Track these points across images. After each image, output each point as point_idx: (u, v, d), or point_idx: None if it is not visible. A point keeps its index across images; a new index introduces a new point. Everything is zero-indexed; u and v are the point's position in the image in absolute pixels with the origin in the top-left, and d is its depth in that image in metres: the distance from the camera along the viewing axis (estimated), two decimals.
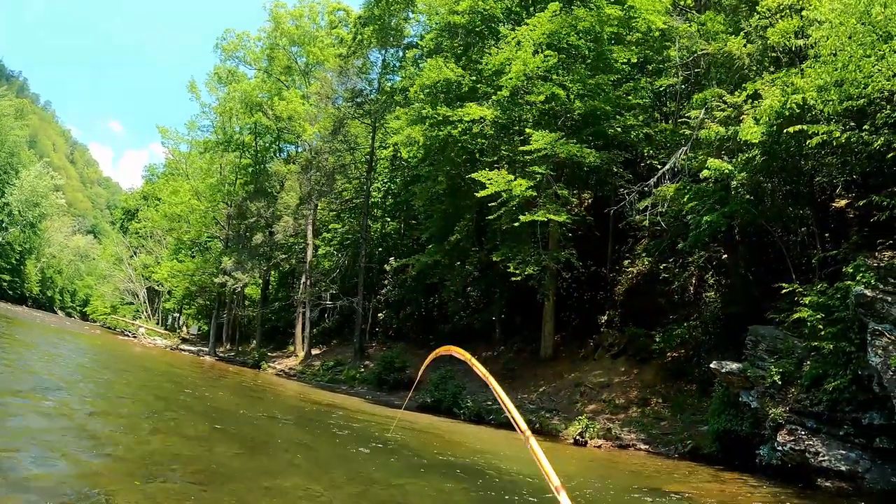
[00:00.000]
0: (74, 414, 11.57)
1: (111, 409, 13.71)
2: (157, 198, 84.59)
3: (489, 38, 31.57)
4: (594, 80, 25.81)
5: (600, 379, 25.85)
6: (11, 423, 9.39)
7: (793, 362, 15.34)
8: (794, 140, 16.80)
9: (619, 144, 27.41)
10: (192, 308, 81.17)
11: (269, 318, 62.52)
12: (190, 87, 63.88)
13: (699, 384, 21.88)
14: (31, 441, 8.73)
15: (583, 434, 21.37)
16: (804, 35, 18.05)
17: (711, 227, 19.30)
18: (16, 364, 18.27)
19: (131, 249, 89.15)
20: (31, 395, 12.49)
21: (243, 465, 10.06)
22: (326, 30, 57.38)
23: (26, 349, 25.50)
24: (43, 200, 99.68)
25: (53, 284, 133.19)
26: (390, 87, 46.79)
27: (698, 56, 23.55)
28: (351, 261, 51.24)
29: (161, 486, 7.88)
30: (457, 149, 31.20)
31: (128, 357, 36.61)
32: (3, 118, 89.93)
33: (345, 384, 36.92)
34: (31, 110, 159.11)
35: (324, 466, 11.37)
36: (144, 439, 10.82)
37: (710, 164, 18.52)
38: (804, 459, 13.94)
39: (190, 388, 22.94)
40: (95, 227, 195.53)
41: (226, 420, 15.06)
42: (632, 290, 28.68)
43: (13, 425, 9.24)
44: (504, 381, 29.11)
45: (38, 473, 7.19)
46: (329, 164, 49.43)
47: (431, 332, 41.04)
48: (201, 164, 71.00)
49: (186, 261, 71.39)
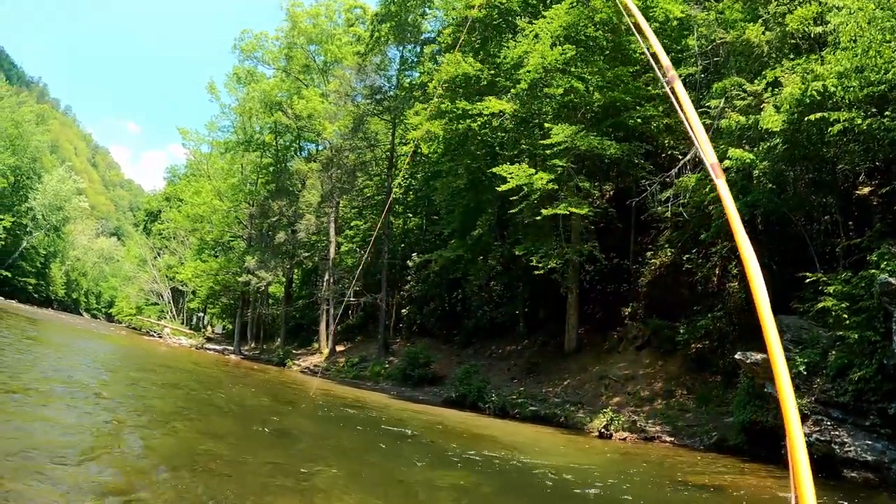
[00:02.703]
0: (103, 412, 11.69)
1: (139, 407, 13.85)
2: (179, 199, 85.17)
3: (506, 32, 31.52)
4: (613, 72, 25.70)
5: (625, 371, 25.79)
6: (37, 424, 9.46)
7: (818, 352, 15.22)
8: (815, 128, 16.65)
9: (639, 135, 27.27)
10: (216, 307, 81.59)
11: (293, 315, 62.85)
12: (209, 88, 64.56)
13: (724, 375, 21.77)
14: (62, 438, 8.84)
15: (608, 427, 21.31)
16: (823, 21, 17.91)
17: None
18: (44, 364, 18.45)
19: (155, 250, 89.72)
20: (59, 395, 12.62)
21: (270, 459, 10.09)
22: (344, 28, 57.46)
23: (55, 350, 25.72)
24: (66, 204, 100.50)
25: (78, 287, 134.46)
26: (409, 83, 46.88)
27: (717, 45, 23.39)
28: (374, 257, 51.37)
29: (189, 479, 7.97)
30: (477, 143, 31.23)
31: (154, 356, 36.83)
32: (25, 124, 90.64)
33: (370, 380, 37.02)
34: (52, 115, 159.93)
35: (349, 460, 11.42)
36: (172, 435, 10.94)
37: (731, 153, 18.37)
38: (830, 450, 13.83)
39: (216, 386, 23.10)
40: (119, 229, 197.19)
41: (252, 416, 15.13)
42: (655, 282, 28.53)
43: (40, 425, 9.32)
44: (528, 375, 29.35)
45: (68, 469, 7.26)
46: (350, 161, 49.59)
47: (455, 327, 41.05)
48: (222, 164, 71.49)
49: (210, 260, 71.73)
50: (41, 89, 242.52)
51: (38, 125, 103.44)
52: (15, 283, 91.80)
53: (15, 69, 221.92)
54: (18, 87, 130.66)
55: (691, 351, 24.08)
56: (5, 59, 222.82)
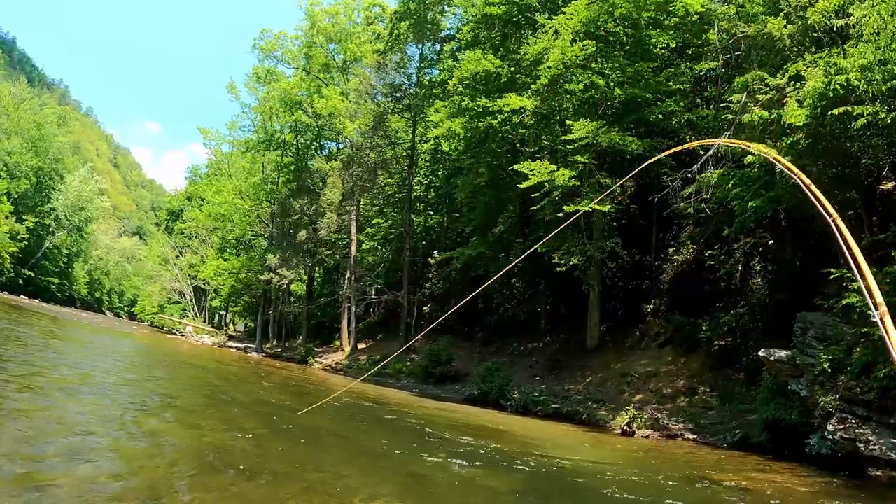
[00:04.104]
0: (128, 410, 11.79)
1: (164, 404, 13.95)
2: (200, 198, 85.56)
3: (526, 28, 31.42)
4: (633, 68, 25.61)
5: (647, 369, 25.70)
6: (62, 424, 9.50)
7: (842, 349, 15.06)
8: (838, 122, 16.48)
9: (661, 131, 27.17)
10: (238, 306, 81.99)
11: (315, 313, 63.04)
12: (229, 87, 64.98)
13: (747, 373, 21.65)
14: (88, 435, 8.95)
15: (630, 424, 21.23)
16: (845, 14, 17.69)
17: (757, 212, 19.06)
18: (67, 361, 18.61)
19: (177, 249, 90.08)
20: (82, 392, 12.73)
21: (293, 457, 10.11)
22: (363, 26, 57.43)
23: (80, 347, 26.04)
24: (88, 204, 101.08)
25: (101, 286, 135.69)
26: (429, 81, 46.83)
27: (738, 38, 23.16)
28: (395, 255, 51.34)
29: (214, 478, 8.04)
30: (498, 140, 31.17)
31: (177, 354, 37.11)
32: (46, 126, 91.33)
33: (391, 378, 37.03)
34: (74, 117, 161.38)
35: (374, 457, 11.43)
36: (197, 432, 11.00)
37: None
38: (855, 448, 13.70)
39: (239, 384, 23.23)
40: (141, 228, 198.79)
41: (275, 414, 15.15)
42: (677, 279, 28.40)
43: (65, 425, 9.36)
44: (550, 373, 29.28)
45: (95, 467, 7.31)
46: (370, 159, 49.72)
47: (477, 324, 41.01)
48: (243, 163, 71.90)
49: (232, 259, 72.04)
50: (63, 91, 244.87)
51: (60, 126, 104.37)
52: (38, 283, 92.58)
53: (36, 72, 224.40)
54: (40, 90, 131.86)
55: (714, 348, 23.94)
56: (27, 62, 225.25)
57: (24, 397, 10.77)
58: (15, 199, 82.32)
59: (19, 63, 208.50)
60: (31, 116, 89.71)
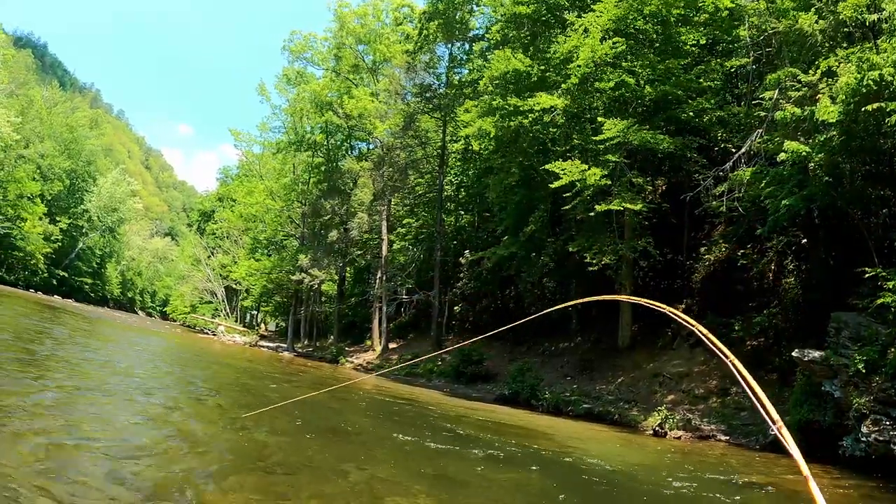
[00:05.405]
0: (163, 409, 11.97)
1: (196, 402, 14.13)
2: (232, 199, 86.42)
3: (555, 27, 31.33)
4: (664, 65, 25.48)
5: (679, 369, 25.52)
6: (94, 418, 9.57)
7: (877, 350, 14.85)
8: (872, 118, 16.27)
9: (692, 129, 26.98)
10: (269, 305, 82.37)
11: (346, 313, 63.27)
12: (259, 89, 65.54)
13: (780, 373, 21.41)
14: (123, 434, 9.09)
15: (662, 425, 21.11)
16: (878, 8, 17.49)
17: (790, 211, 18.86)
18: (105, 361, 18.87)
19: (208, 250, 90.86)
20: (116, 390, 12.89)
21: (327, 455, 10.15)
22: (392, 27, 57.56)
23: (115, 346, 26.43)
24: (121, 205, 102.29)
25: (133, 286, 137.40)
26: (458, 81, 46.90)
27: (769, 34, 22.92)
28: (426, 255, 51.38)
29: (248, 476, 8.10)
30: (528, 139, 31.12)
31: (209, 354, 37.38)
32: (79, 129, 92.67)
33: (422, 377, 37.05)
34: (106, 120, 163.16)
35: (407, 456, 11.48)
36: (230, 431, 11.11)
37: (786, 146, 18.03)
38: (889, 450, 13.50)
39: (271, 382, 23.34)
40: (172, 229, 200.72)
41: (307, 412, 15.20)
42: (709, 278, 28.18)
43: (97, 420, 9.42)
44: (582, 373, 29.20)
45: (132, 466, 7.36)
46: (401, 159, 49.82)
47: (508, 323, 40.82)
48: (274, 164, 72.48)
49: (263, 259, 72.61)
50: (94, 95, 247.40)
51: (92, 129, 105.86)
52: (72, 283, 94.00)
53: (68, 76, 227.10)
54: (72, 93, 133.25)
55: (746, 348, 23.69)
56: (58, 66, 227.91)
57: (59, 398, 10.86)
58: (48, 200, 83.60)
59: (51, 67, 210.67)
60: (64, 120, 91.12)
